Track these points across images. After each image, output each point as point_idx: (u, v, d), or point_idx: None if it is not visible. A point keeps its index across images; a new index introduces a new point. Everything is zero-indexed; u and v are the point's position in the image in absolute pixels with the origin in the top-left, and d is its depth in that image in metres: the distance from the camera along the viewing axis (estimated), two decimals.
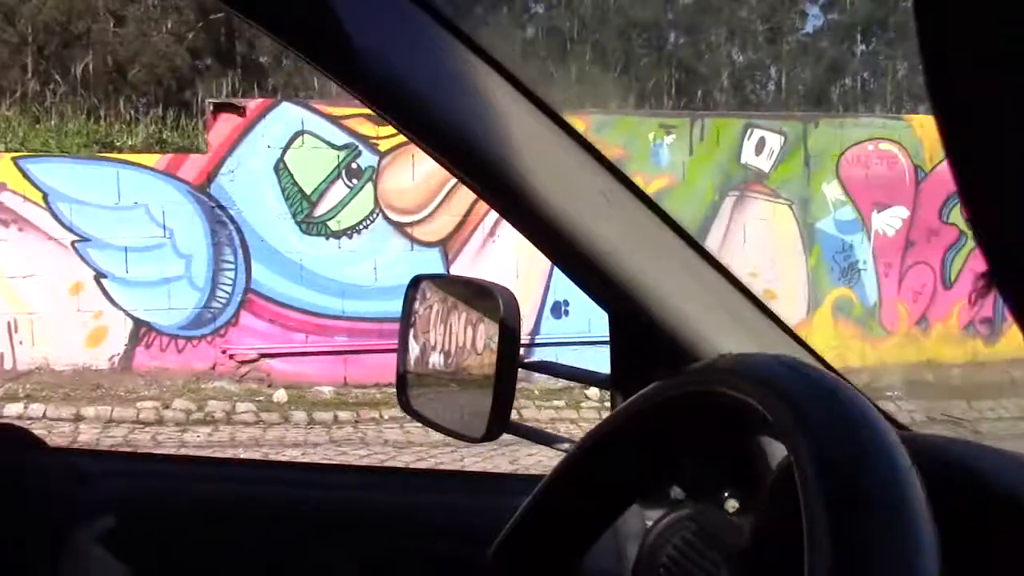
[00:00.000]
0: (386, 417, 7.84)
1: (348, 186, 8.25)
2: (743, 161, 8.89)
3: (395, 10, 0.76)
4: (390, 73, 0.76)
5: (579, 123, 7.79)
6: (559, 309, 8.60)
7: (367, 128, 8.20)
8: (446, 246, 8.46)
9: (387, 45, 0.76)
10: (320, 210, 8.23)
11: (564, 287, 8.05)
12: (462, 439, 0.99)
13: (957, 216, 9.10)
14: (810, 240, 9.13)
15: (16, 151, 8.27)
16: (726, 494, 0.85)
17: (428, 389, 1.08)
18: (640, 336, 0.88)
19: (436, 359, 1.06)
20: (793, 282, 9.01)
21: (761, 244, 8.92)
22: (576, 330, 8.17)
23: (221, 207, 8.04)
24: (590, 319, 8.15)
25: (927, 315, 9.44)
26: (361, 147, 8.23)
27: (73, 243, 7.87)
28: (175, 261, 8.07)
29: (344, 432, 7.56)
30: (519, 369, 0.91)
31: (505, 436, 0.93)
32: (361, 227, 8.32)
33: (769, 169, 8.89)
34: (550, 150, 0.81)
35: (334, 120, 8.16)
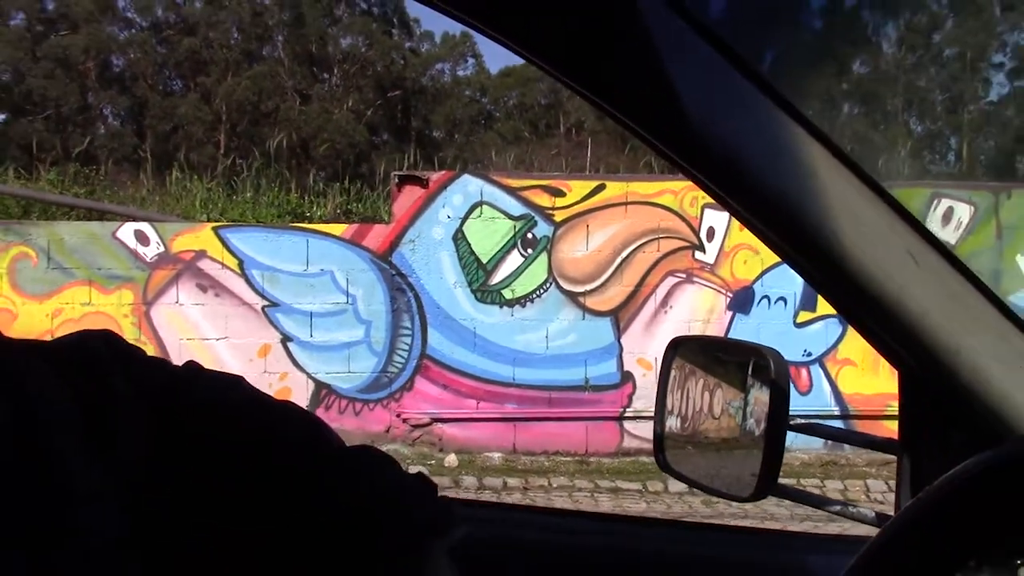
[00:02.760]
0: (555, 485, 7.84)
1: (523, 255, 8.37)
2: None
3: (709, 68, 0.79)
4: (704, 133, 0.79)
5: None
6: None
7: (543, 199, 8.35)
8: (618, 315, 8.44)
9: (712, 110, 0.79)
10: (495, 279, 8.37)
11: None
12: (728, 499, 0.99)
13: None
14: None
15: (217, 221, 8.82)
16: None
17: (687, 449, 1.09)
18: (938, 398, 0.85)
19: (695, 419, 1.07)
20: None
21: None
22: None
23: (401, 275, 8.29)
24: None
25: None
26: (537, 217, 8.35)
27: (263, 308, 8.25)
28: (356, 326, 8.34)
29: (514, 498, 7.51)
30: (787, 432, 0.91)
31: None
32: (534, 296, 8.39)
33: (956, 241, 8.42)
34: (858, 208, 0.81)
35: (512, 191, 8.33)
